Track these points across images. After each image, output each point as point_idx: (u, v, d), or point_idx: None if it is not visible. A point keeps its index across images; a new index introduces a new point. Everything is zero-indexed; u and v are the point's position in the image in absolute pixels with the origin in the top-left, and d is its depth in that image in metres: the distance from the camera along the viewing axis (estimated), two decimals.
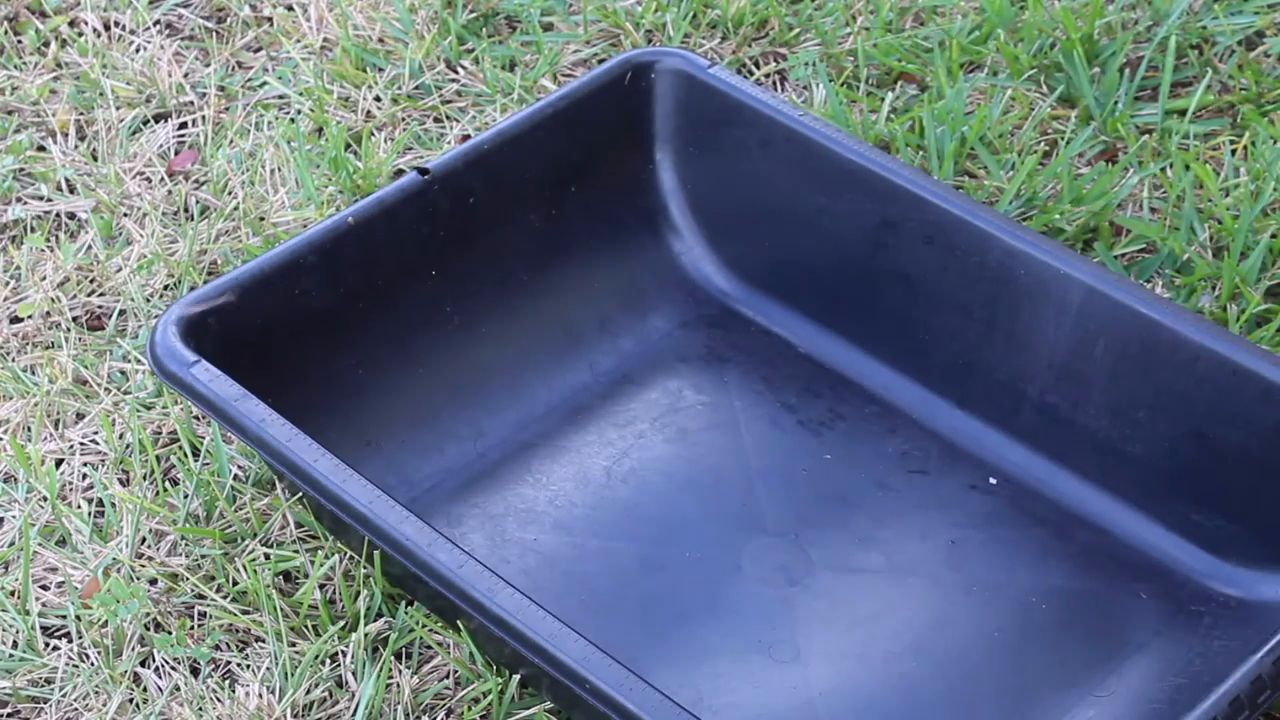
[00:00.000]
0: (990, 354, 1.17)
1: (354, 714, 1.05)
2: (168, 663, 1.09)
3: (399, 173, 1.41)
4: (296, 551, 1.13)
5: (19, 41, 1.56)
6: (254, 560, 1.12)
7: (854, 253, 1.22)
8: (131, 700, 1.07)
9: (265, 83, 1.50)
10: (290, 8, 1.59)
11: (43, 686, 1.09)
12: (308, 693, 1.06)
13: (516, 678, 1.04)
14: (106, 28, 1.57)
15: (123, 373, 1.27)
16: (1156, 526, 1.12)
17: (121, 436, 1.22)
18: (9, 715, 1.08)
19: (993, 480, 1.16)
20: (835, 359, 1.24)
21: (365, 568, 1.09)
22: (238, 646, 1.09)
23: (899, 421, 1.20)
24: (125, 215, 1.39)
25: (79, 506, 1.18)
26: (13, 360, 1.28)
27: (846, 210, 1.21)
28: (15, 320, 1.32)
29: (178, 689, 1.07)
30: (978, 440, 1.18)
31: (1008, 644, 1.08)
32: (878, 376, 1.22)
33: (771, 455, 1.18)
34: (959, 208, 1.16)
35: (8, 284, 1.34)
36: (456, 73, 1.50)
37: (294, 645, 1.08)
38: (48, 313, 1.31)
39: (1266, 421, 1.06)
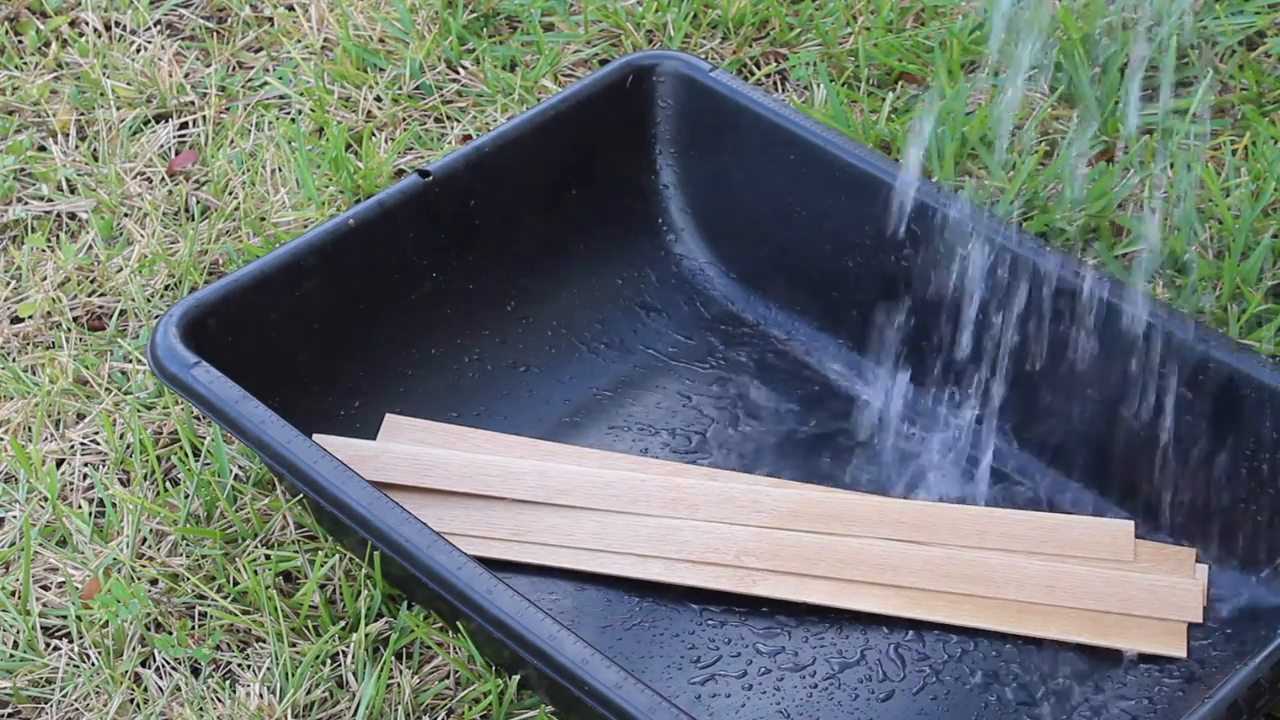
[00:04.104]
0: (991, 357, 1.17)
1: (354, 714, 1.05)
2: (168, 663, 1.09)
3: (400, 173, 1.41)
4: (297, 552, 1.13)
5: (20, 41, 1.56)
6: (254, 560, 1.12)
7: (855, 257, 1.22)
8: (132, 700, 1.07)
9: (266, 83, 1.51)
10: (291, 8, 1.59)
11: (43, 687, 1.09)
12: (308, 693, 1.06)
13: (516, 679, 1.04)
14: (107, 28, 1.57)
15: (123, 373, 1.27)
16: (1155, 531, 1.12)
17: (122, 437, 1.22)
18: (9, 715, 1.08)
19: (995, 485, 1.16)
20: (836, 363, 1.24)
21: (365, 568, 1.09)
22: (238, 647, 1.10)
23: (899, 425, 1.20)
24: (126, 215, 1.39)
25: (80, 507, 1.18)
26: (13, 360, 1.28)
27: (847, 214, 1.21)
28: (16, 320, 1.32)
29: (178, 689, 1.07)
30: (976, 442, 1.18)
31: (1005, 649, 1.08)
32: (879, 381, 1.22)
33: (771, 459, 1.18)
34: (959, 212, 1.17)
35: (8, 284, 1.34)
36: (457, 73, 1.50)
37: (294, 645, 1.08)
38: (48, 313, 1.32)
39: (1267, 429, 1.06)
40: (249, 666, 1.08)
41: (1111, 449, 1.13)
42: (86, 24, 1.57)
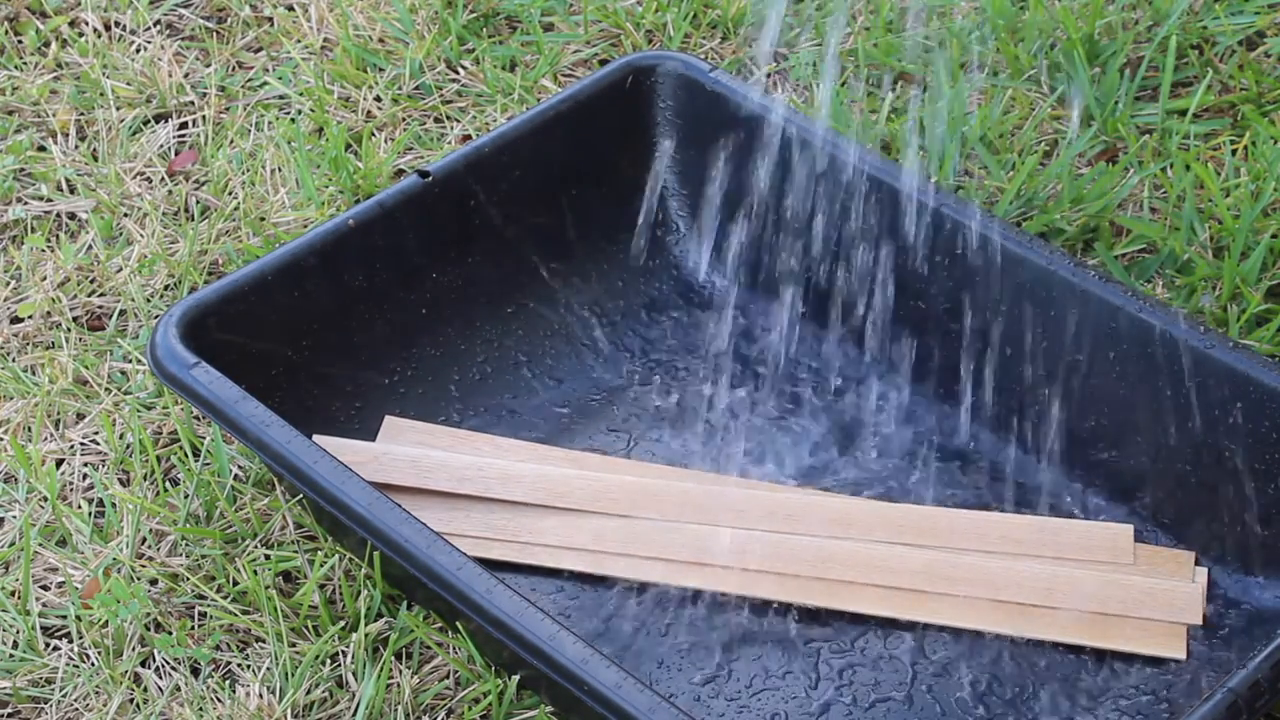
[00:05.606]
0: (991, 359, 1.17)
1: (354, 714, 1.05)
2: (168, 663, 1.09)
3: (399, 173, 1.41)
4: (296, 552, 1.13)
5: (19, 41, 1.56)
6: (254, 560, 1.12)
7: (856, 258, 1.22)
8: (132, 700, 1.07)
9: (266, 83, 1.51)
10: (290, 8, 1.59)
11: (43, 687, 1.09)
12: (308, 693, 1.06)
13: (516, 679, 1.04)
14: (107, 28, 1.57)
15: (123, 373, 1.27)
16: (1155, 531, 1.12)
17: (122, 437, 1.22)
18: (9, 715, 1.08)
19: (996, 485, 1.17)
20: (838, 364, 1.24)
21: (365, 568, 1.09)
22: (238, 647, 1.10)
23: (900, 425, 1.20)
24: (125, 215, 1.39)
25: (79, 506, 1.18)
26: (13, 360, 1.28)
27: (848, 215, 1.21)
28: (16, 320, 1.32)
29: (178, 689, 1.07)
30: (978, 444, 1.18)
31: (1005, 651, 1.08)
32: (881, 381, 1.22)
33: (772, 460, 1.18)
34: (960, 212, 1.17)
35: (8, 284, 1.34)
36: (457, 73, 1.50)
37: (294, 645, 1.08)
38: (48, 313, 1.32)
39: (1266, 429, 1.06)
40: (249, 666, 1.08)
41: (1111, 449, 1.13)
42: (86, 24, 1.57)
